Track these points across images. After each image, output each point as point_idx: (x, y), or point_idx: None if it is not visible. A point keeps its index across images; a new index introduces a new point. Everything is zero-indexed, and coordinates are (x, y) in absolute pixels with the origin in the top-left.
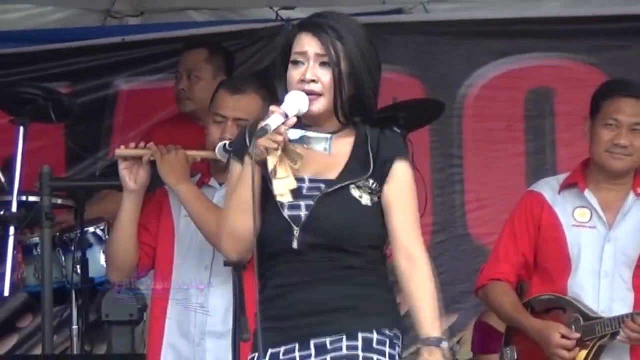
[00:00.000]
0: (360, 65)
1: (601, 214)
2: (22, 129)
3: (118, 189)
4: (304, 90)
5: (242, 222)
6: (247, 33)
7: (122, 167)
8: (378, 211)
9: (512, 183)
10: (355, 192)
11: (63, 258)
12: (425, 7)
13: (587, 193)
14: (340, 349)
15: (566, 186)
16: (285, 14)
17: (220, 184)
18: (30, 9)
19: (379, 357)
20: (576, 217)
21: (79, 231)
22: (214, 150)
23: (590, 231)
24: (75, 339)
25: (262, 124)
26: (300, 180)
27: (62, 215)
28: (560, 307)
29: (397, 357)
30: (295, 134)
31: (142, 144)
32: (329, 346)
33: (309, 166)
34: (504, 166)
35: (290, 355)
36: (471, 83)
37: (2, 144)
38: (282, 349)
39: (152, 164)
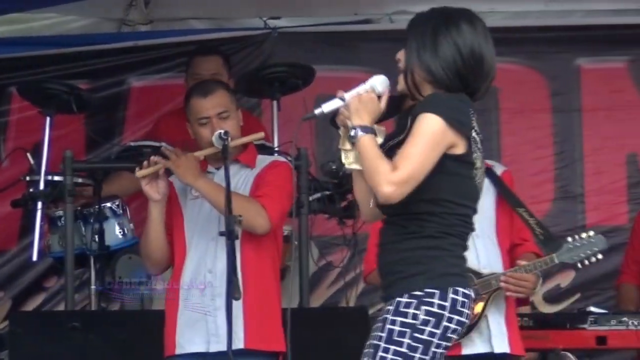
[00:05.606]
0: None
1: None
2: (48, 119)
3: (130, 170)
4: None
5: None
6: (240, 39)
7: (144, 184)
8: None
9: None
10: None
11: (83, 228)
12: (391, 18)
13: None
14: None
15: None
16: (272, 22)
17: (217, 169)
18: (54, 17)
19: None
20: None
21: (97, 206)
22: (210, 146)
23: None
24: (93, 298)
25: (318, 107)
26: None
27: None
28: None
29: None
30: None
31: (153, 159)
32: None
33: None
34: None
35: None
36: None
37: (32, 131)
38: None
39: (168, 171)
